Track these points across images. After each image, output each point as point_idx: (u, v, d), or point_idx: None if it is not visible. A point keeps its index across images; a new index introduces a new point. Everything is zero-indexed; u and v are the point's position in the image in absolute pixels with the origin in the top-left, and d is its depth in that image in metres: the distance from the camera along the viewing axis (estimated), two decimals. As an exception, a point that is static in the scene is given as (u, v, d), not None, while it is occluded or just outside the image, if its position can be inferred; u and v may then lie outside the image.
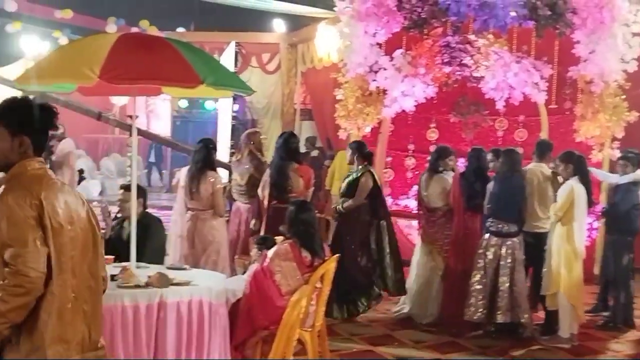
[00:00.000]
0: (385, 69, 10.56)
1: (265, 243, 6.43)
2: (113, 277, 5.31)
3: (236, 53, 16.56)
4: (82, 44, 6.04)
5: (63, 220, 3.33)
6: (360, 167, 8.37)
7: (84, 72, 5.04)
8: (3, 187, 3.34)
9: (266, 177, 8.10)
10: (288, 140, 8.32)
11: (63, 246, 3.31)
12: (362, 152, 8.48)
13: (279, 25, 18.57)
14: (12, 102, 3.47)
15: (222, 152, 12.28)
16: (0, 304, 3.10)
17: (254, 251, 6.51)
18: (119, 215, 7.33)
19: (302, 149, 13.43)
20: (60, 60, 5.75)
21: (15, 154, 3.38)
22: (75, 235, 3.40)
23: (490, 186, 7.90)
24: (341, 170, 11.36)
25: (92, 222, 3.58)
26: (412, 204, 10.96)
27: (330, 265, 5.86)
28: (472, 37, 10.29)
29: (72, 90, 6.23)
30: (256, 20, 18.60)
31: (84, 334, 3.44)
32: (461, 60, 10.12)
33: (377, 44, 10.72)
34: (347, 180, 8.47)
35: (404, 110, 10.74)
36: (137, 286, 5.26)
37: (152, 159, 22.82)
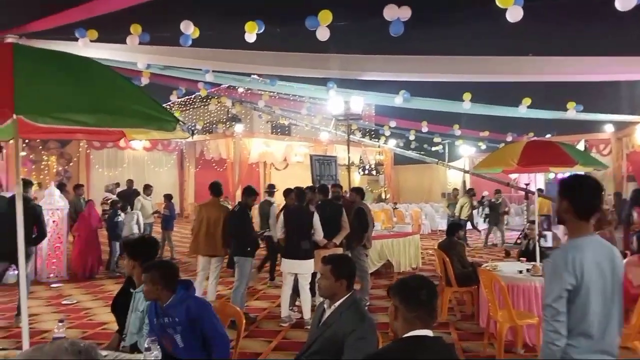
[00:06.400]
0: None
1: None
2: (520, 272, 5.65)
3: (585, 146, 18.14)
4: (506, 147, 6.48)
5: None
6: None
7: (510, 162, 5.49)
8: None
9: (615, 216, 7.71)
10: (638, 194, 7.88)
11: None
12: None
13: (609, 127, 18.64)
14: None
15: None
16: None
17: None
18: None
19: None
20: (495, 157, 6.30)
21: None
22: None
23: None
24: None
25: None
26: None
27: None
28: None
29: (499, 171, 6.61)
30: (595, 125, 18.70)
31: None
32: None
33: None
34: None
35: None
36: (540, 275, 5.47)
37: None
